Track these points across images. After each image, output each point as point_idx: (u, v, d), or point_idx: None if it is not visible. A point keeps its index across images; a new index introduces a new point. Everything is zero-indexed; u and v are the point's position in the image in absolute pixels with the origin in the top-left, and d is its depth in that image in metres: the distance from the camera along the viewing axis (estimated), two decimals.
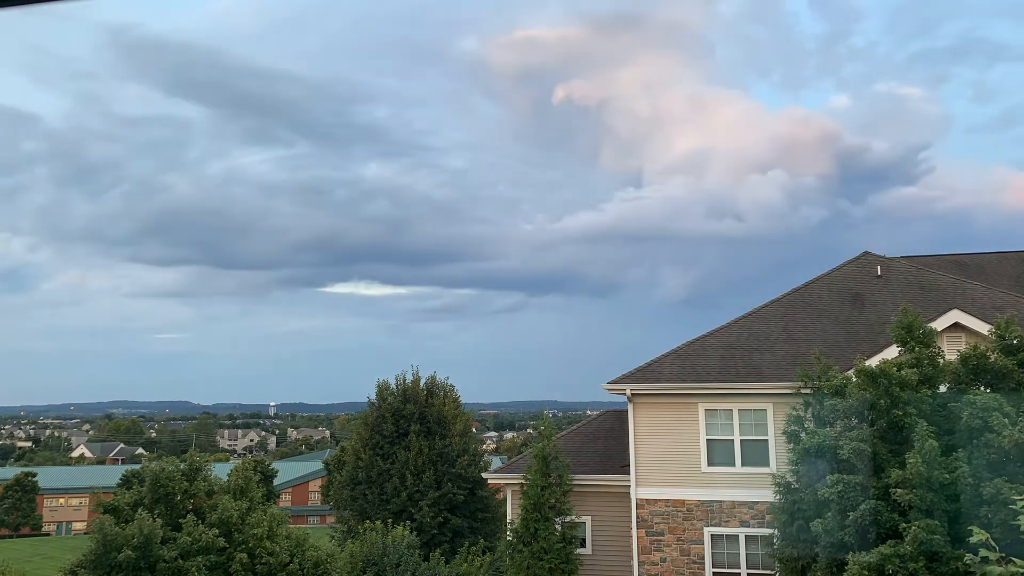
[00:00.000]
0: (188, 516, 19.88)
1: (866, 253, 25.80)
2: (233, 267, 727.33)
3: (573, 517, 21.94)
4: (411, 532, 25.51)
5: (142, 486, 21.19)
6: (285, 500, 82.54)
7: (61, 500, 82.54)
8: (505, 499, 24.72)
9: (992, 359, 15.06)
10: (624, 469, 22.02)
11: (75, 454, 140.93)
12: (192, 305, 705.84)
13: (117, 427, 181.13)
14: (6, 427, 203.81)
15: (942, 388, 15.33)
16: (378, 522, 25.16)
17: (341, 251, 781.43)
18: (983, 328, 18.07)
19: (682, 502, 21.08)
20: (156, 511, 20.07)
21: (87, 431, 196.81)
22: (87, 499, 75.85)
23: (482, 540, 27.21)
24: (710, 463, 21.06)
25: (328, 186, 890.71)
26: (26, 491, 73.94)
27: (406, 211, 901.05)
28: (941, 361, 15.55)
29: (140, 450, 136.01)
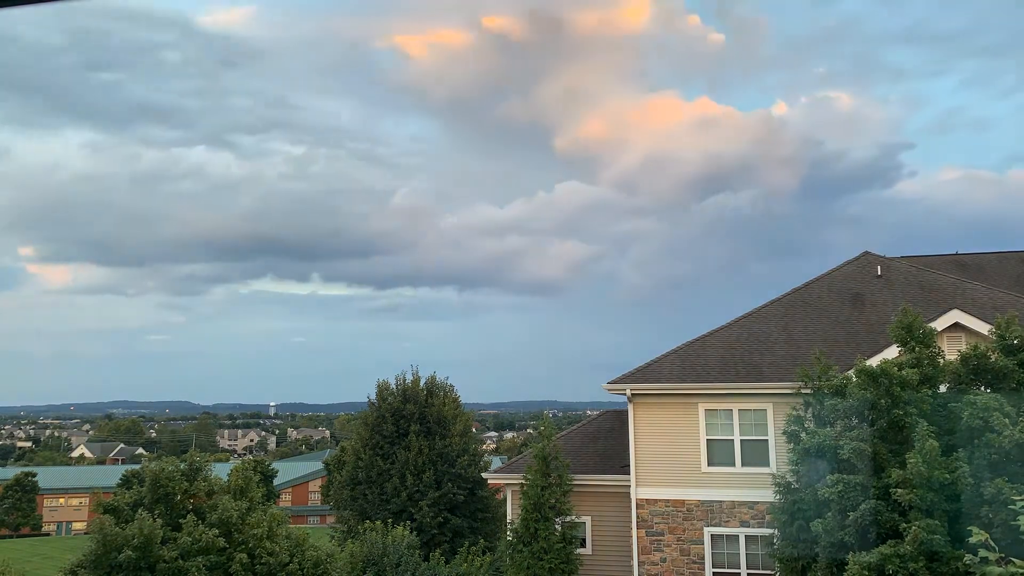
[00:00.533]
0: (188, 516, 19.86)
1: (866, 253, 25.78)
2: (120, 264, 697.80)
3: (573, 517, 21.93)
4: (411, 532, 25.52)
5: (142, 486, 21.17)
6: (285, 500, 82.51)
7: (61, 500, 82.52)
8: (505, 499, 24.72)
9: (992, 359, 15.07)
10: (624, 469, 22.01)
11: (75, 454, 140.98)
12: (128, 305, 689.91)
13: (117, 427, 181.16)
14: (6, 427, 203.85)
15: (942, 388, 15.34)
16: (378, 522, 25.16)
17: (229, 246, 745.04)
18: (983, 328, 18.07)
19: (682, 502, 21.08)
20: (156, 511, 20.05)
21: (87, 431, 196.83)
22: (87, 499, 75.86)
23: (482, 540, 27.20)
24: (710, 463, 21.06)
25: (159, 177, 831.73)
26: (26, 491, 73.93)
27: (280, 203, 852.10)
28: (941, 361, 15.56)
29: (140, 450, 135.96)
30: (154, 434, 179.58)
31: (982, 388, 14.97)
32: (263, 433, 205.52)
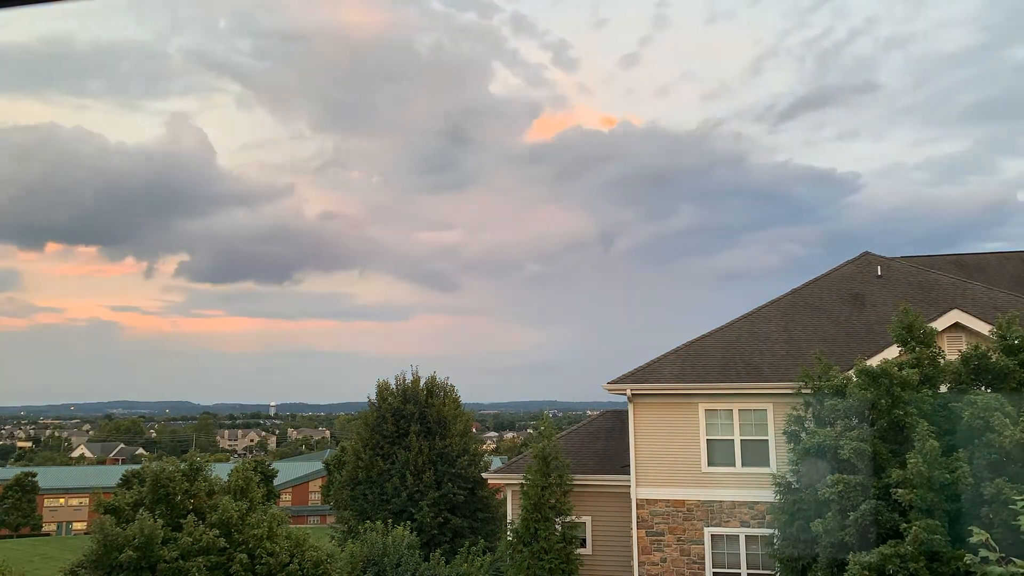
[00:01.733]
0: (188, 516, 19.89)
1: (866, 253, 25.79)
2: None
3: (573, 517, 21.93)
4: (411, 532, 25.52)
5: (143, 486, 21.19)
6: (285, 500, 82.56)
7: (61, 500, 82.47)
8: (505, 499, 24.72)
9: (993, 359, 15.06)
10: (624, 469, 22.02)
11: (75, 454, 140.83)
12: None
13: (117, 427, 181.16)
14: (6, 427, 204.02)
15: (943, 388, 15.34)
16: (378, 522, 25.17)
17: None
18: (983, 328, 18.08)
19: (682, 502, 21.08)
20: (157, 511, 20.07)
21: (87, 431, 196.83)
22: (87, 499, 75.84)
23: (482, 540, 27.18)
24: (710, 463, 21.06)
25: None
26: (26, 491, 73.87)
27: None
28: (942, 361, 15.56)
29: (140, 450, 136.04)
30: (154, 434, 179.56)
31: (983, 388, 14.97)
32: (263, 433, 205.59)
